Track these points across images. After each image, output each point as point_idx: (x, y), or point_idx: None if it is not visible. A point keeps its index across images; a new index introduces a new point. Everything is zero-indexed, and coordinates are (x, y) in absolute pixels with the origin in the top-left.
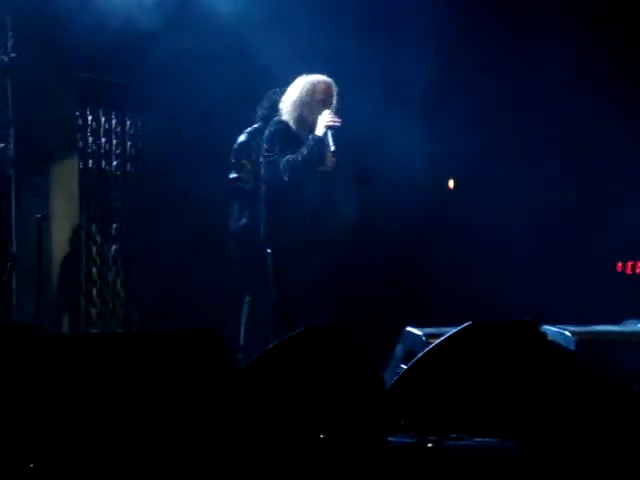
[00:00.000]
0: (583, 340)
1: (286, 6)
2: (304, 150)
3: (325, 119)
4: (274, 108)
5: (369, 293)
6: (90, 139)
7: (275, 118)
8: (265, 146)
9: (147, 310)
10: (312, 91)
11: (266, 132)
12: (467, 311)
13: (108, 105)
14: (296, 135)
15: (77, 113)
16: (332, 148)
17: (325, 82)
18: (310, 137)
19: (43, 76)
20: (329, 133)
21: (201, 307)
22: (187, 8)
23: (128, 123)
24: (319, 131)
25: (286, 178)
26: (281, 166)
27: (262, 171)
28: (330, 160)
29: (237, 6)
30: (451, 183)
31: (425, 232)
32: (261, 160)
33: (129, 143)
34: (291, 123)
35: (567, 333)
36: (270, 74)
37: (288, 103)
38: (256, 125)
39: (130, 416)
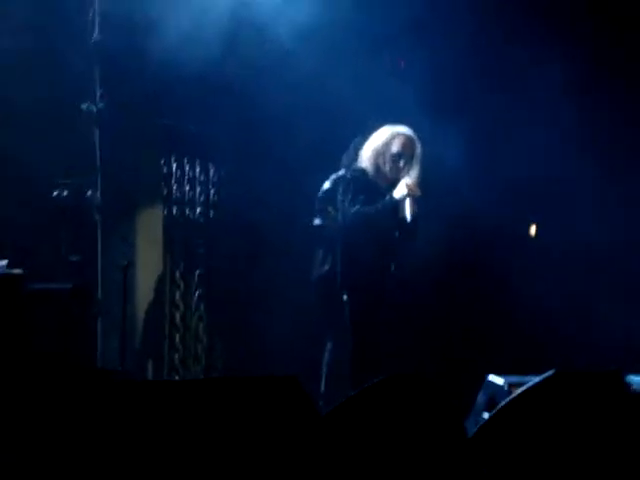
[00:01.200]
0: None
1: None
2: (374, 208)
3: (405, 185)
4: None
5: (451, 340)
6: (174, 186)
7: (354, 165)
8: (340, 193)
9: (229, 356)
10: (389, 142)
11: (343, 180)
12: (551, 359)
13: (192, 153)
14: (371, 183)
15: (162, 161)
16: (408, 219)
17: (404, 135)
18: (388, 197)
19: (129, 124)
20: (407, 201)
21: (283, 354)
22: (270, 57)
23: (211, 171)
24: (397, 194)
25: (352, 226)
26: (350, 215)
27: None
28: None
29: (320, 57)
30: (533, 229)
31: (507, 278)
32: (338, 207)
33: (212, 191)
34: (368, 171)
35: None
36: (354, 123)
37: (366, 151)
38: (341, 173)
39: (212, 464)
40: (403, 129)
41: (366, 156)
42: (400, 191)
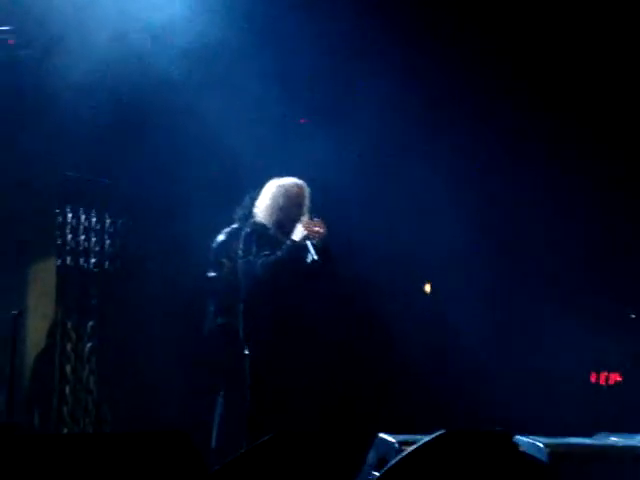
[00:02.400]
0: (556, 452)
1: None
2: (279, 253)
3: (305, 228)
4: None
5: (343, 397)
6: (69, 236)
7: (251, 220)
8: (241, 247)
9: (119, 409)
10: (286, 195)
11: (242, 233)
12: (440, 419)
13: (88, 203)
14: (272, 238)
15: (57, 210)
16: (315, 257)
17: (298, 185)
18: (289, 241)
19: (25, 172)
20: (309, 243)
21: (174, 407)
22: (168, 111)
23: (108, 221)
24: (296, 236)
25: (262, 278)
26: (257, 267)
27: (239, 272)
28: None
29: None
30: (428, 287)
31: (401, 335)
32: (238, 261)
33: (108, 241)
34: (268, 226)
35: (540, 445)
36: (250, 175)
37: (263, 207)
38: (235, 225)
39: None
40: (294, 180)
41: (262, 212)
42: (298, 234)
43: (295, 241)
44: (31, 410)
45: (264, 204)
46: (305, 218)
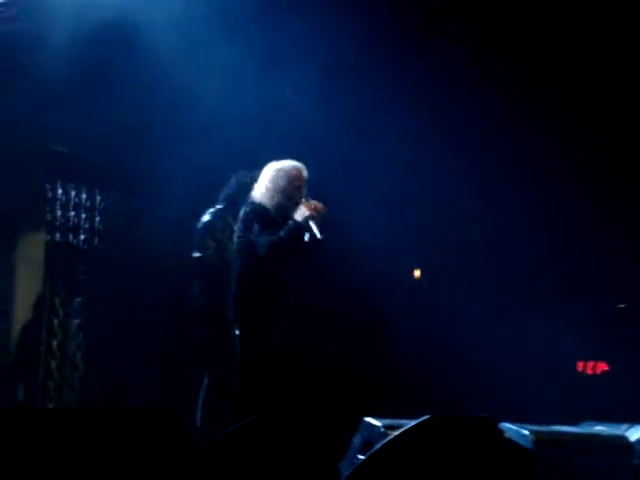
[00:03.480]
0: (541, 440)
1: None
2: (282, 233)
3: (306, 208)
4: (241, 190)
5: (330, 380)
6: (59, 212)
7: (250, 200)
8: (240, 227)
9: (106, 386)
10: (287, 177)
11: (241, 213)
12: (426, 405)
13: (79, 179)
14: (273, 219)
15: (47, 186)
16: (319, 236)
17: (297, 167)
18: (291, 222)
19: (14, 148)
20: (312, 222)
21: (161, 386)
22: (158, 88)
23: (98, 198)
24: (299, 217)
25: (265, 257)
26: (260, 246)
27: (237, 251)
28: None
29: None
30: (417, 273)
31: (388, 321)
32: (235, 240)
33: (98, 218)
34: (268, 206)
35: (525, 432)
36: (239, 154)
37: (263, 190)
38: (220, 206)
39: None
40: (293, 163)
41: (261, 194)
42: (301, 214)
43: (297, 221)
44: (16, 384)
45: (264, 187)
46: (304, 199)
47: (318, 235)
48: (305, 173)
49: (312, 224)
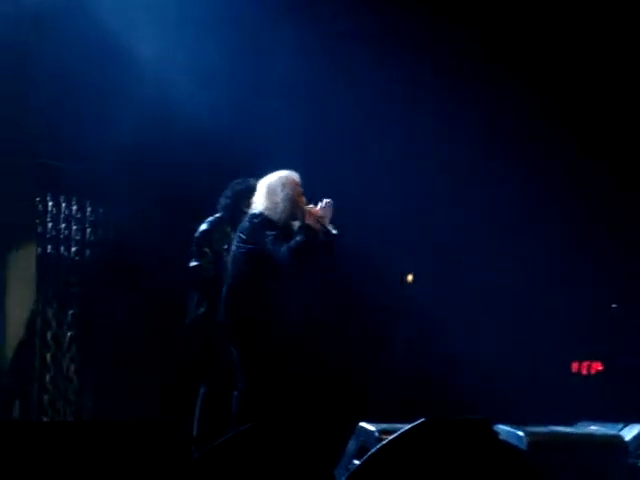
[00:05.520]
0: (536, 440)
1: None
2: (299, 238)
3: (315, 210)
4: (237, 198)
5: (325, 385)
6: (50, 224)
7: (253, 211)
8: (242, 237)
9: (100, 398)
10: (287, 184)
11: (246, 225)
12: (421, 408)
13: (69, 191)
14: (282, 227)
15: (38, 198)
16: (334, 232)
17: (292, 175)
18: (304, 226)
19: (3, 161)
20: (323, 221)
21: (156, 396)
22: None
23: (89, 209)
24: (308, 220)
25: (288, 264)
26: (281, 254)
27: (241, 260)
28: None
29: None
30: (410, 277)
31: (381, 324)
32: (236, 250)
33: (89, 229)
34: (274, 217)
35: (520, 433)
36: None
37: (266, 203)
38: (218, 215)
39: None
40: (289, 172)
41: (264, 207)
42: (309, 217)
43: (309, 224)
44: (11, 399)
45: (266, 200)
46: (313, 206)
47: (333, 231)
48: (299, 178)
49: (324, 222)
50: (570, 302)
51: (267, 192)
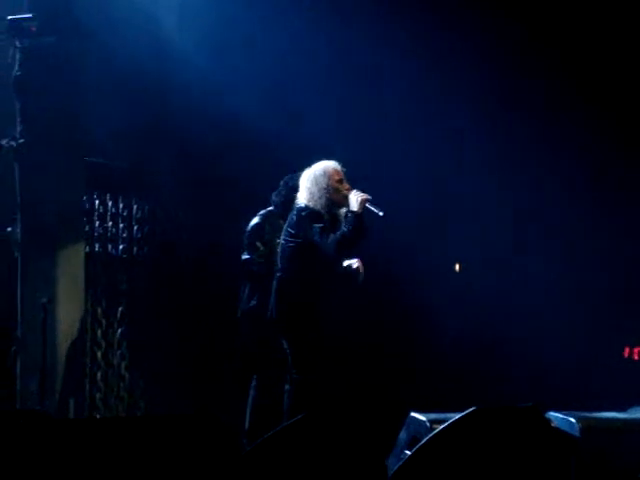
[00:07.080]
0: (588, 427)
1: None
2: (346, 227)
3: (359, 196)
4: (288, 193)
5: (374, 376)
6: (97, 223)
7: (299, 205)
8: (291, 231)
9: (152, 394)
10: (328, 176)
11: (294, 218)
12: (472, 396)
13: (115, 189)
14: (329, 218)
15: (84, 197)
16: (381, 214)
17: (332, 164)
18: (349, 215)
19: (51, 160)
20: (369, 205)
21: (207, 390)
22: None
23: (135, 207)
24: (354, 207)
25: (337, 254)
26: (329, 245)
27: (291, 252)
28: None
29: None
30: (457, 266)
31: (433, 315)
32: (285, 243)
33: (136, 227)
34: (318, 208)
35: (572, 419)
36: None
37: (309, 195)
38: (270, 208)
39: None
40: (329, 162)
41: (308, 200)
42: (355, 202)
43: (355, 211)
44: (65, 398)
45: (308, 192)
46: (356, 191)
47: (380, 213)
48: (339, 167)
49: (369, 206)
50: (622, 287)
51: (308, 185)
